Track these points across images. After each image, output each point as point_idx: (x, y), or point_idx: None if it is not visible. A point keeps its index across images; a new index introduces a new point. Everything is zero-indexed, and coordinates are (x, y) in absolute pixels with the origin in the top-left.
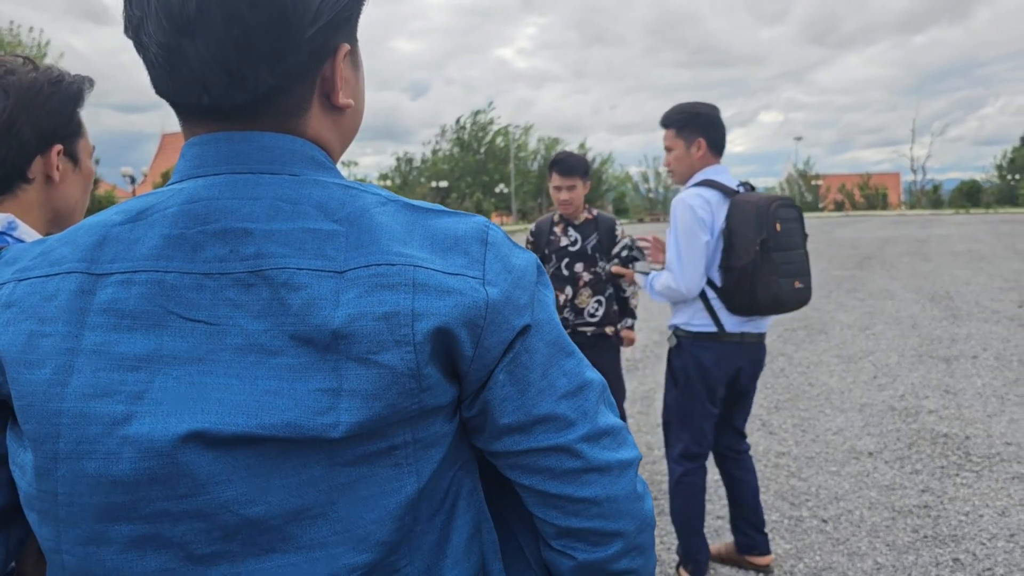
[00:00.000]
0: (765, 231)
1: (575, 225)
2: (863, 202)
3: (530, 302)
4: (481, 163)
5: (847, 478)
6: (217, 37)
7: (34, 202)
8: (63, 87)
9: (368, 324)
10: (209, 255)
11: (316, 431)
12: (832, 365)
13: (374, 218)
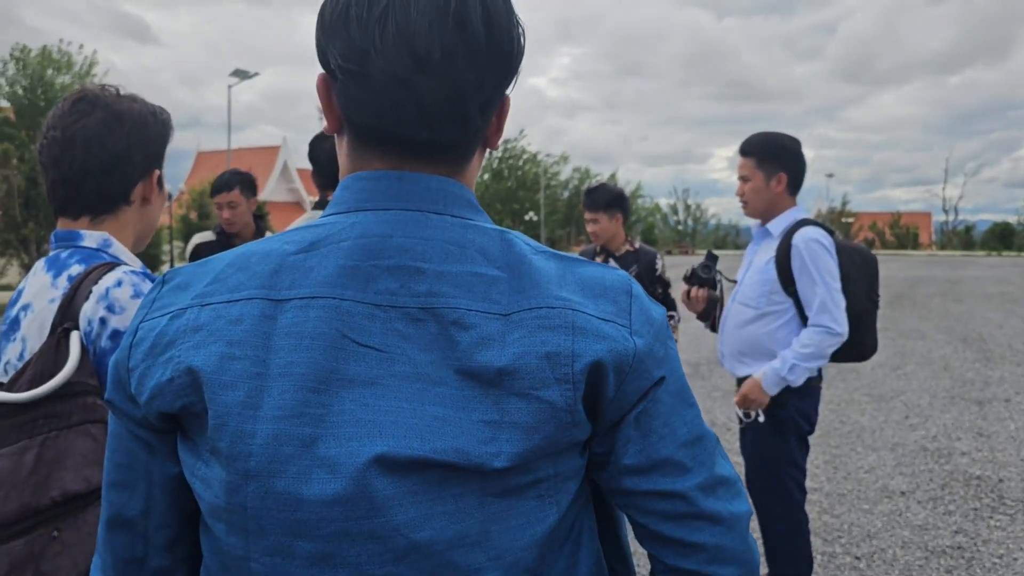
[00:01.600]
0: (876, 284)
1: (616, 257)
2: (894, 241)
3: (665, 355)
4: (511, 190)
5: (879, 516)
6: (456, 78)
7: (128, 222)
8: (160, 117)
9: (532, 362)
10: (381, 287)
11: (480, 459)
12: (863, 404)
13: (532, 264)
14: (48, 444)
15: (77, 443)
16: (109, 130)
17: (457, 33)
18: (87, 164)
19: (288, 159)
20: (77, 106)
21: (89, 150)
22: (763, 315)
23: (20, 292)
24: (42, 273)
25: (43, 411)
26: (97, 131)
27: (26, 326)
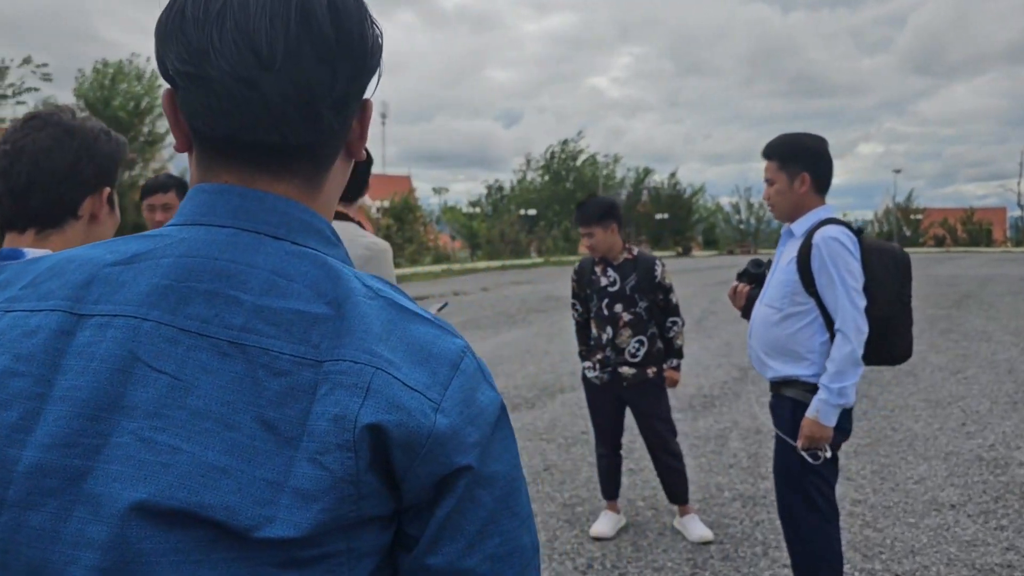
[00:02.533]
0: (908, 283)
1: (614, 266)
2: (965, 238)
3: (479, 444)
4: (570, 192)
5: (925, 531)
6: (305, 75)
7: (75, 239)
8: (112, 136)
9: (322, 424)
10: (192, 312)
11: (250, 521)
12: (918, 410)
13: (358, 308)
14: None
15: None
16: (58, 143)
17: (302, 27)
18: (34, 175)
19: None
20: (29, 123)
21: (37, 163)
22: (787, 316)
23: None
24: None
25: None
26: (46, 144)
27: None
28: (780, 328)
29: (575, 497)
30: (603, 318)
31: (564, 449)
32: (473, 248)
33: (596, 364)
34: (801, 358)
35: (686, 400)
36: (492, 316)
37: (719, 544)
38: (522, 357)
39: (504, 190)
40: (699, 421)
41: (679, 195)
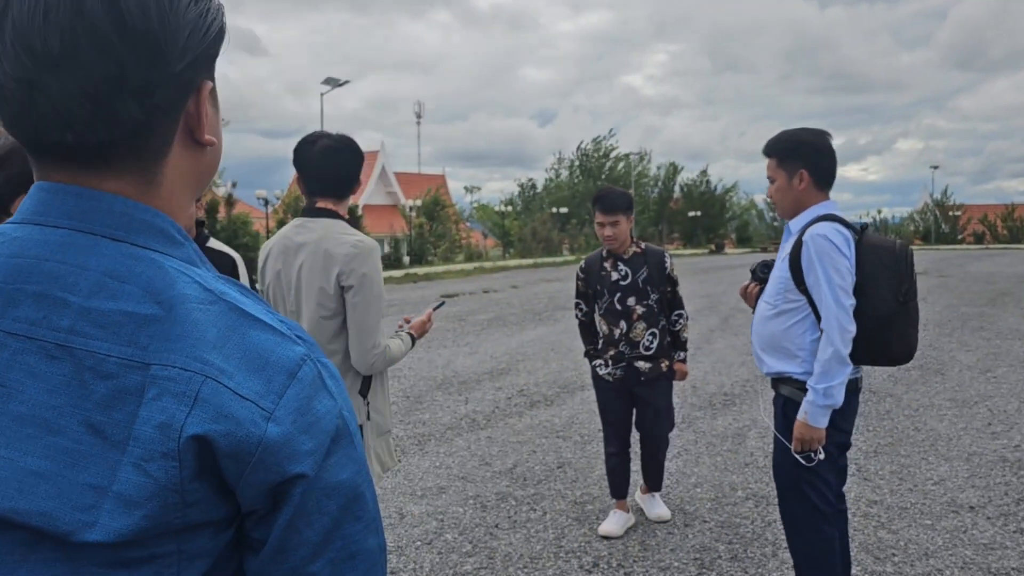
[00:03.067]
0: (907, 281)
1: (624, 259)
2: (1006, 235)
3: (314, 452)
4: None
5: (941, 533)
6: (86, 70)
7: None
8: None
9: (148, 431)
10: (20, 315)
11: (70, 527)
12: (943, 409)
13: (191, 313)
14: None
15: None
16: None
17: (74, 20)
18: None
19: (386, 163)
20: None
21: None
22: (780, 313)
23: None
24: None
25: None
26: None
27: None
28: (774, 324)
29: (586, 495)
30: (615, 312)
31: (580, 447)
32: (505, 246)
33: (608, 361)
34: (792, 355)
35: (706, 398)
36: (520, 313)
37: (728, 544)
38: (546, 354)
39: (536, 188)
40: (718, 419)
41: (711, 192)
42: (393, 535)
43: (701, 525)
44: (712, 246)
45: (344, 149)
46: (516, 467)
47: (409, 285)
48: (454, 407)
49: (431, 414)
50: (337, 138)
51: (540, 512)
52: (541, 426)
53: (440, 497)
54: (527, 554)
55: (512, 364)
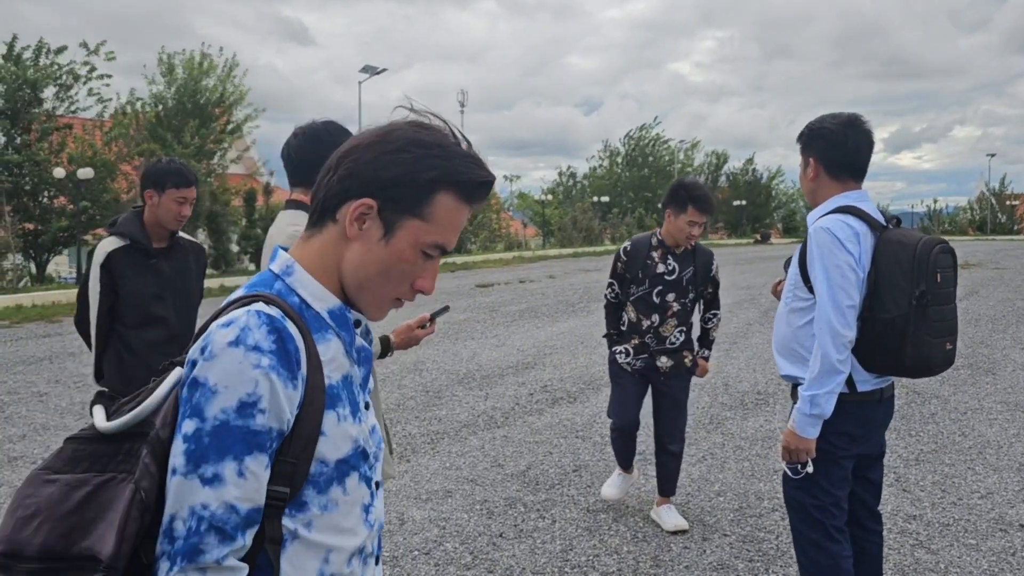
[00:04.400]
0: (924, 282)
1: (675, 254)
2: None
3: None
4: (644, 179)
5: (987, 555)
6: None
7: (329, 247)
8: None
9: None
10: None
11: None
12: (994, 412)
13: None
14: (107, 487)
15: (124, 497)
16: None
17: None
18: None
19: None
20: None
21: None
22: (792, 312)
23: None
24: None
25: (126, 447)
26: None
27: None
28: (786, 324)
29: (600, 502)
30: (651, 305)
31: (599, 448)
32: (546, 235)
33: (630, 350)
34: (801, 358)
35: (738, 397)
36: (553, 304)
37: (748, 561)
38: (575, 347)
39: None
40: (748, 420)
41: (757, 180)
42: (390, 543)
43: (721, 539)
44: (757, 236)
45: (310, 138)
46: (529, 469)
47: (447, 274)
48: (473, 403)
49: (448, 410)
50: (309, 126)
51: (549, 520)
52: (561, 425)
53: (446, 502)
54: (530, 567)
55: (539, 358)
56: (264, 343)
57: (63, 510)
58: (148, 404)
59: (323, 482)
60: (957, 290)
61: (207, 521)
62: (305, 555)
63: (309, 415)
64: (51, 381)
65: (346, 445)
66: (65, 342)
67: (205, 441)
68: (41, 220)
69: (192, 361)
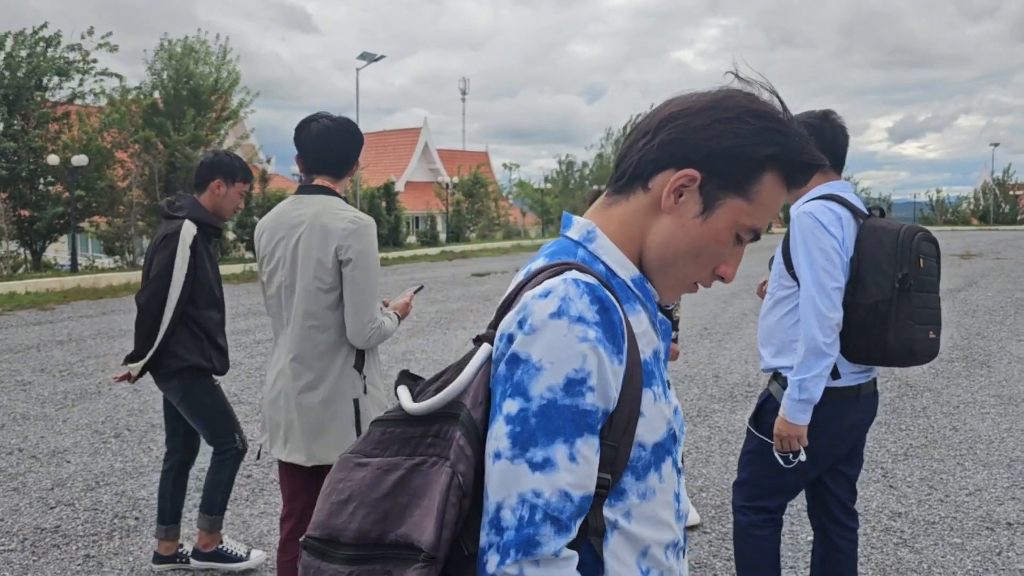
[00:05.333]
0: (907, 265)
1: None
2: None
3: None
4: None
5: (972, 554)
6: None
7: (636, 216)
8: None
9: None
10: None
11: None
12: (987, 406)
13: None
14: (419, 470)
15: (438, 482)
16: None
17: None
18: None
19: (428, 140)
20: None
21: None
22: (777, 302)
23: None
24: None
25: (435, 428)
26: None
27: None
28: (771, 314)
29: None
30: None
31: None
32: (545, 223)
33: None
34: (786, 348)
35: (727, 389)
36: None
37: (725, 560)
38: None
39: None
40: (737, 413)
41: None
42: None
43: (700, 537)
44: None
45: (341, 130)
46: None
47: (444, 263)
48: None
49: None
50: (336, 119)
51: None
52: None
53: None
54: None
55: None
56: (588, 314)
57: (376, 494)
58: (458, 383)
59: (641, 468)
60: (957, 281)
61: (541, 510)
62: (625, 548)
63: (629, 393)
64: (36, 370)
65: (662, 427)
66: (55, 330)
67: (532, 422)
68: (36, 207)
69: (508, 335)
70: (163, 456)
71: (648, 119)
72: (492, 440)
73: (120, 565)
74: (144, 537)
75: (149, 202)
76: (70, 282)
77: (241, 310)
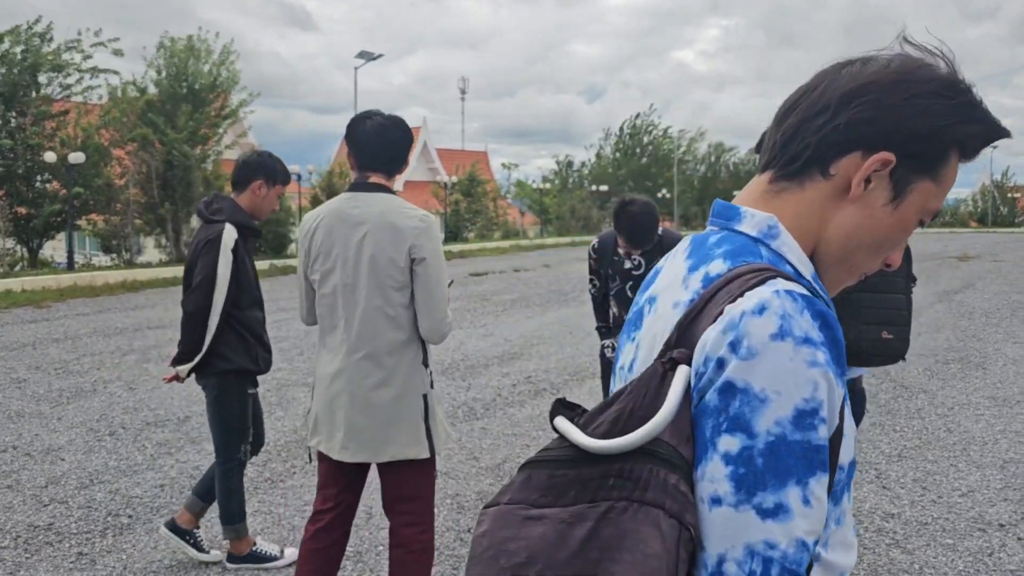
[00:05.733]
0: None
1: (641, 249)
2: None
3: None
4: (644, 167)
5: (963, 555)
6: None
7: (815, 205)
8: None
9: None
10: None
11: None
12: (981, 408)
13: None
14: (608, 519)
15: (642, 532)
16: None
17: None
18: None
19: (428, 139)
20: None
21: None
22: None
23: (656, 272)
24: (680, 258)
25: (617, 468)
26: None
27: (645, 328)
28: None
29: None
30: (626, 299)
31: None
32: (543, 223)
33: (616, 344)
34: None
35: None
36: (545, 294)
37: None
38: (563, 337)
39: (574, 165)
40: None
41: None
42: (356, 538)
43: None
44: None
45: (395, 127)
46: (505, 463)
47: None
48: (454, 394)
49: None
50: (389, 117)
51: None
52: (541, 417)
53: None
54: None
55: (525, 348)
56: (813, 333)
57: (565, 554)
58: (663, 416)
59: (838, 492)
60: (955, 283)
61: (778, 564)
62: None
63: (840, 415)
64: (31, 368)
65: (852, 444)
66: (51, 328)
67: (759, 462)
68: (33, 204)
69: (717, 360)
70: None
71: (818, 93)
72: (706, 482)
73: (113, 563)
74: (137, 535)
75: (146, 200)
76: (66, 280)
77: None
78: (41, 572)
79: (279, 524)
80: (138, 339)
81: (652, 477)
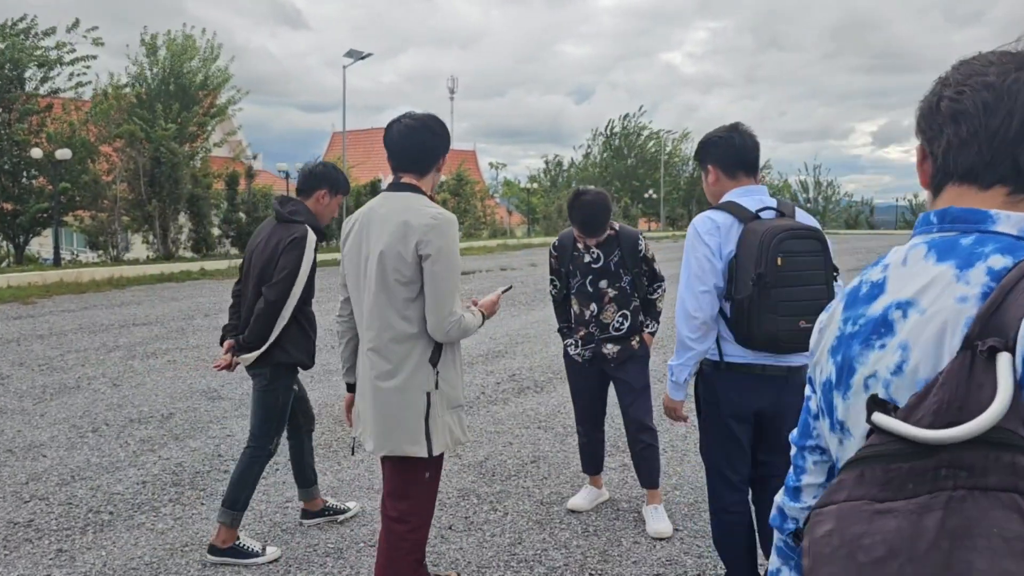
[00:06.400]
0: (763, 265)
1: (598, 242)
2: None
3: None
4: (631, 168)
5: None
6: None
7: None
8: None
9: None
10: None
11: None
12: None
13: None
14: (952, 507)
15: (992, 516)
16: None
17: None
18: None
19: None
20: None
21: None
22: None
23: (878, 284)
24: (930, 262)
25: (946, 458)
26: None
27: (911, 330)
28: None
29: (555, 494)
30: (587, 294)
31: (559, 440)
32: (531, 223)
33: (579, 341)
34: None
35: None
36: (531, 293)
37: (697, 557)
38: (547, 336)
39: (562, 165)
40: None
41: None
42: (336, 535)
43: (672, 534)
44: None
45: (422, 128)
46: (487, 460)
47: None
48: None
49: None
50: (418, 117)
51: (501, 512)
52: (524, 415)
53: None
54: (476, 561)
55: (510, 346)
56: None
57: (924, 544)
58: (1001, 404)
59: None
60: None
61: None
62: None
63: None
64: (15, 364)
65: None
66: (36, 324)
67: None
68: (19, 200)
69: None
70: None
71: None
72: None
73: (93, 559)
74: (118, 532)
75: (134, 197)
76: (53, 276)
77: (225, 305)
78: (20, 569)
79: (260, 520)
80: (124, 336)
81: (991, 463)
